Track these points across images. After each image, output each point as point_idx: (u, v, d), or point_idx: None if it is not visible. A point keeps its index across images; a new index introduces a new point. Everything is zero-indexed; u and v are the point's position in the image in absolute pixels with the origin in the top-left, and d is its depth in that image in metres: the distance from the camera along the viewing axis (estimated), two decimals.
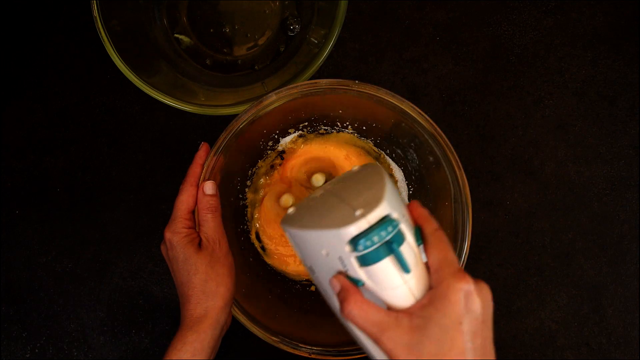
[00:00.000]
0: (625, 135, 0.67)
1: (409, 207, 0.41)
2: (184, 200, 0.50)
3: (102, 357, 0.65)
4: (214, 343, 0.46)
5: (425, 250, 0.39)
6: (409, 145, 0.59)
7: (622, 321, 0.66)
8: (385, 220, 0.37)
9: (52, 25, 0.67)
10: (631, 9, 0.68)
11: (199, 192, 0.50)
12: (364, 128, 0.62)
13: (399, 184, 0.64)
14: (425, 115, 0.52)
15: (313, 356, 0.52)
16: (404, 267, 0.37)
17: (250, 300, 0.55)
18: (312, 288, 0.63)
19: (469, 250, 0.52)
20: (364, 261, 0.37)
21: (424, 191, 0.61)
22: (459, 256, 0.52)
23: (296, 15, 0.67)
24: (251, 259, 0.62)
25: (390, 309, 0.38)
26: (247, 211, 0.64)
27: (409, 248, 0.38)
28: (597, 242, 0.67)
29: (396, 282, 0.37)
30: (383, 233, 0.36)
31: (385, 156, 0.63)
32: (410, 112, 0.53)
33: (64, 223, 0.66)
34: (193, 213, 0.50)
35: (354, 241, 0.36)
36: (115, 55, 0.56)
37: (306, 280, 0.63)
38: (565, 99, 0.68)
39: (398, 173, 0.64)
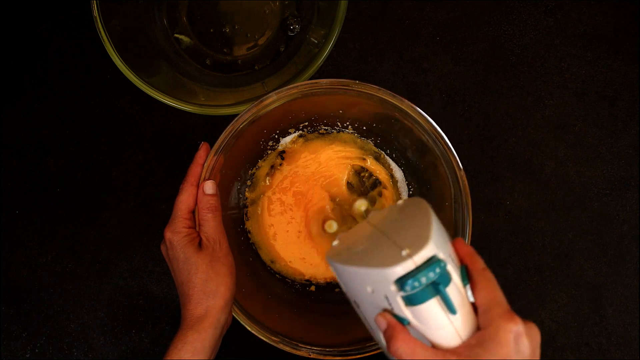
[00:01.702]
0: (625, 135, 0.67)
1: (454, 245, 0.41)
2: (184, 200, 0.50)
3: (102, 357, 0.65)
4: (214, 342, 0.46)
5: (473, 289, 0.39)
6: (409, 145, 0.59)
7: (622, 321, 0.66)
8: (432, 262, 0.36)
9: (52, 25, 0.67)
10: (631, 9, 0.68)
11: (199, 191, 0.50)
12: (364, 128, 0.62)
13: (398, 184, 0.64)
14: (425, 115, 0.52)
15: (313, 356, 0.52)
16: (451, 309, 0.37)
17: (250, 299, 0.55)
18: (312, 288, 0.63)
19: None
20: (410, 301, 0.37)
21: (424, 191, 0.61)
22: None
23: (296, 15, 0.67)
24: (251, 259, 0.62)
25: (436, 348, 0.38)
26: (246, 211, 0.64)
27: (456, 288, 0.38)
28: (597, 242, 0.67)
29: (442, 323, 0.37)
30: (431, 274, 0.36)
31: (385, 156, 0.63)
32: (410, 112, 0.53)
33: (64, 223, 0.66)
34: (193, 213, 0.50)
35: (401, 281, 0.36)
36: (115, 55, 0.56)
37: (307, 280, 0.63)
38: (565, 99, 0.68)
39: (398, 173, 0.64)
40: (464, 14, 0.68)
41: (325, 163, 0.64)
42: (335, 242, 0.45)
